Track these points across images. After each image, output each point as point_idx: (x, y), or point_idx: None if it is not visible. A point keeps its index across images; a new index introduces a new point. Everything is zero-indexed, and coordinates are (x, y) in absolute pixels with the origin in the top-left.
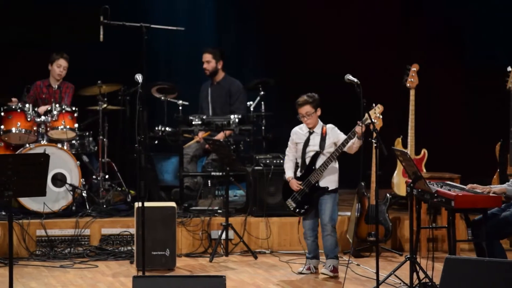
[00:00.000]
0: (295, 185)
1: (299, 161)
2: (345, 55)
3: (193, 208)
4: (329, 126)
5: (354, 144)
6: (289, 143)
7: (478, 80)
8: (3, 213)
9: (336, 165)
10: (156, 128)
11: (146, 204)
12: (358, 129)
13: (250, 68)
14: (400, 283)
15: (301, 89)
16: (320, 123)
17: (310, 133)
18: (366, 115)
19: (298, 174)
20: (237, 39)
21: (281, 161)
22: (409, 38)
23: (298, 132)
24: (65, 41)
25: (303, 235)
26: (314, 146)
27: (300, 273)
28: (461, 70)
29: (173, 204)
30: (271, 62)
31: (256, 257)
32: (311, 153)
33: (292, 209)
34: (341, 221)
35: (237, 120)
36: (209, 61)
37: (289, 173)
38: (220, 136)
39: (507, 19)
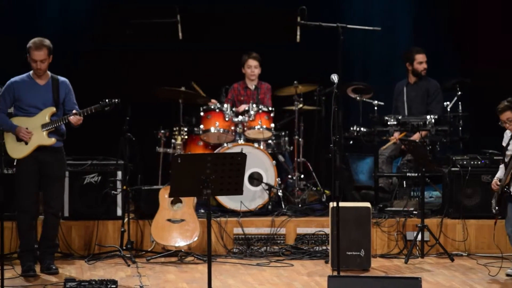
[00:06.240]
0: (493, 185)
1: None
2: None
3: (388, 209)
4: None
5: None
6: None
7: None
8: (202, 211)
9: None
10: (351, 128)
11: (341, 204)
12: None
13: (446, 68)
14: None
15: (501, 89)
16: None
17: None
18: None
19: None
20: (434, 38)
21: (479, 163)
22: None
23: (506, 135)
24: (262, 41)
25: (508, 237)
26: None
27: (508, 275)
28: None
29: (367, 204)
30: (468, 62)
31: (452, 260)
32: (509, 156)
33: (492, 208)
34: None
35: (433, 120)
36: (426, 60)
37: (497, 173)
38: (416, 136)
39: None
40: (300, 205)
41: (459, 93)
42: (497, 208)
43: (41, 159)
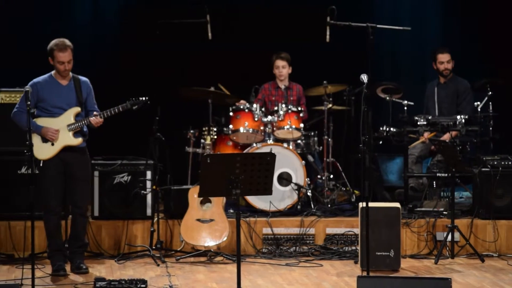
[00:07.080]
0: None
1: None
2: None
3: (418, 209)
4: None
5: None
6: None
7: None
8: (231, 211)
9: None
10: (381, 129)
11: (371, 204)
12: None
13: (476, 67)
14: None
15: None
16: None
17: None
18: None
19: None
20: (463, 38)
21: (509, 163)
22: None
23: None
24: (292, 41)
25: None
26: None
27: None
28: None
29: (397, 204)
30: (499, 61)
31: (483, 260)
32: None
33: None
34: None
35: (463, 120)
36: (449, 61)
37: None
38: (446, 136)
39: None
40: (329, 205)
41: (490, 93)
42: None
43: (66, 159)
